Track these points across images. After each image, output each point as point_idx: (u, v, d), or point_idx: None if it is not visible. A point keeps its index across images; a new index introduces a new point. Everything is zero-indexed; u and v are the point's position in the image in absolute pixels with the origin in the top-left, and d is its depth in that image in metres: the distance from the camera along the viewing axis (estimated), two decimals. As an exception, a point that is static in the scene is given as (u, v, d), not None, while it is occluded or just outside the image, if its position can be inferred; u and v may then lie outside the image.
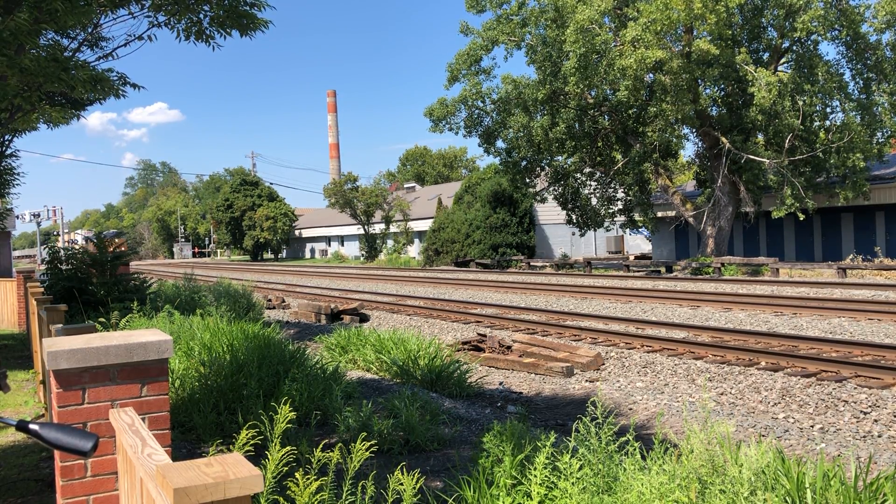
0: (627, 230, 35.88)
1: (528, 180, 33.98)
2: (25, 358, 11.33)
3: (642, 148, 28.38)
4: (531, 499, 3.61)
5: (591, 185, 34.34)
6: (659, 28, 22.90)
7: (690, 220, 28.57)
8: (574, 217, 34.28)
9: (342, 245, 66.02)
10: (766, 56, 27.08)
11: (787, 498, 3.50)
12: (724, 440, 3.71)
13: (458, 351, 11.66)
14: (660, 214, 33.48)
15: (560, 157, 33.35)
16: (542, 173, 34.13)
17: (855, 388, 8.06)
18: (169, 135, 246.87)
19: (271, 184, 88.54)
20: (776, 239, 31.55)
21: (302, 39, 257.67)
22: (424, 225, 49.91)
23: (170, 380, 6.82)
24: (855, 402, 7.69)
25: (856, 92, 25.80)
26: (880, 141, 25.72)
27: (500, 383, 9.98)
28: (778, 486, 3.54)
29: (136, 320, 10.32)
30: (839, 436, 7.08)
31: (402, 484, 3.28)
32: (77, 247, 15.20)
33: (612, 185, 33.69)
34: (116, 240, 16.02)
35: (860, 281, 20.71)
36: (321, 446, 3.69)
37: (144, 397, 2.73)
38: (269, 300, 22.44)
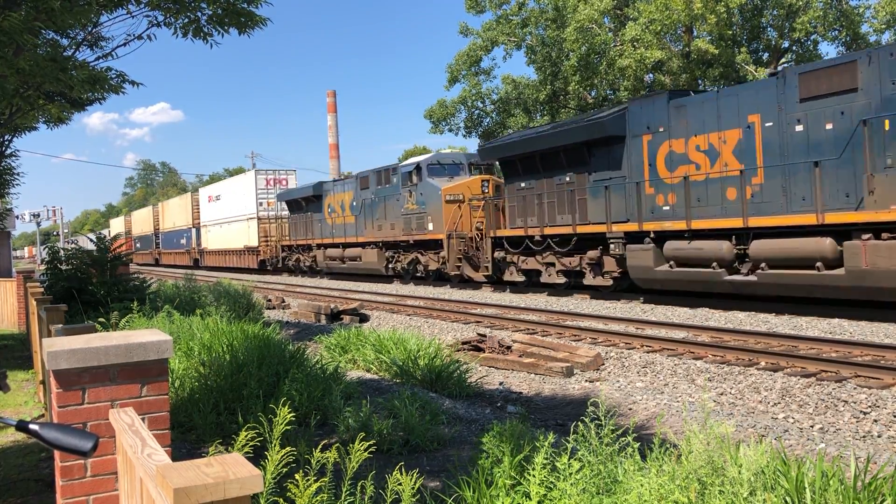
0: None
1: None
2: (25, 358, 11.33)
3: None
4: (530, 499, 3.61)
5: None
6: (659, 28, 22.90)
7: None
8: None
9: (343, 245, 65.51)
10: (765, 56, 27.10)
11: (786, 498, 3.50)
12: (724, 440, 3.71)
13: (458, 351, 11.66)
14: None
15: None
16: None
17: (855, 388, 8.06)
18: (170, 135, 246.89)
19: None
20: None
21: (302, 40, 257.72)
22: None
23: (170, 380, 6.82)
24: (855, 402, 7.69)
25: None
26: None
27: (500, 383, 9.98)
28: (777, 486, 3.54)
29: (135, 320, 10.33)
30: (839, 436, 7.08)
31: (400, 484, 3.28)
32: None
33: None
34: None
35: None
36: (321, 446, 3.69)
37: (144, 397, 2.73)
38: (269, 300, 22.44)
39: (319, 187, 32.14)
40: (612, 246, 16.65)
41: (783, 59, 27.00)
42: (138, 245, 65.29)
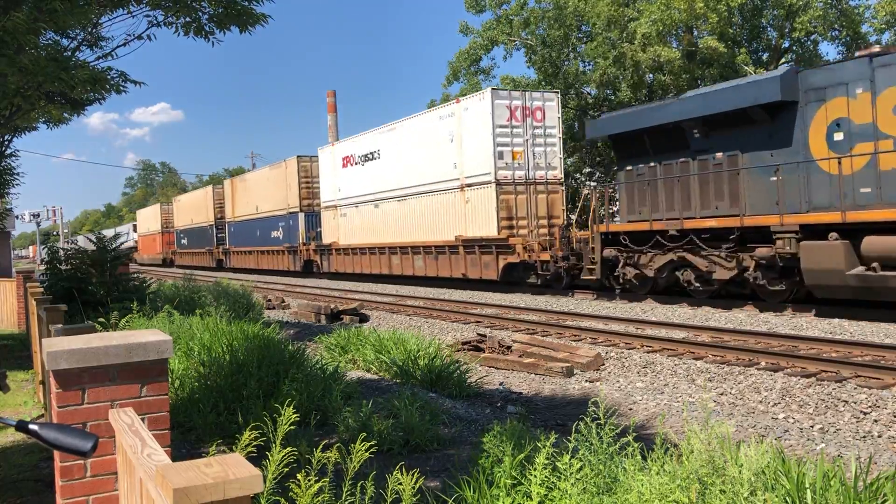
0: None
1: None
2: (25, 358, 11.32)
3: (642, 148, 28.37)
4: (531, 499, 3.61)
5: (590, 185, 34.27)
6: (660, 28, 22.93)
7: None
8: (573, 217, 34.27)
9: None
10: (765, 56, 27.11)
11: (786, 498, 3.49)
12: (725, 440, 3.71)
13: (458, 351, 11.65)
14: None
15: (560, 157, 33.44)
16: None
17: (855, 388, 8.05)
18: (170, 135, 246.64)
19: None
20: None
21: (302, 39, 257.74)
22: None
23: (169, 380, 6.82)
24: (855, 402, 7.69)
25: (856, 92, 25.80)
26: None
27: (500, 383, 9.97)
28: (778, 486, 3.54)
29: (135, 320, 10.32)
30: (839, 436, 7.07)
31: (401, 484, 3.27)
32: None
33: (613, 185, 33.62)
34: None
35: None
36: (321, 447, 3.69)
37: (144, 397, 2.73)
38: (269, 300, 22.44)
39: (792, 82, 13.13)
40: None
41: (783, 59, 27.01)
42: (184, 241, 51.88)
